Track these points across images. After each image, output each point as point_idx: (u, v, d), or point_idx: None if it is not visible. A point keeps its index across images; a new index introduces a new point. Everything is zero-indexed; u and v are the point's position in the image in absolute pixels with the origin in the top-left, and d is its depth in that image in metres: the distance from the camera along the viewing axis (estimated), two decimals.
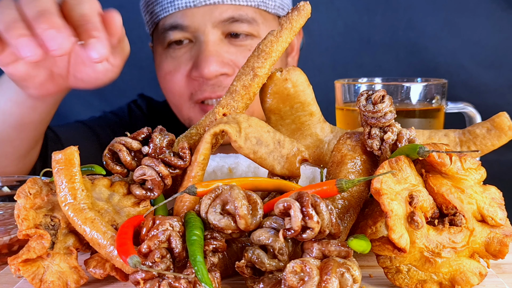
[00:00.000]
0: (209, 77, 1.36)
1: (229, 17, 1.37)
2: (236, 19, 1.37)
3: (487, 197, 0.73)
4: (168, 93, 1.48)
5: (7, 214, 0.88)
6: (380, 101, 0.78)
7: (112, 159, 0.80)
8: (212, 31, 1.37)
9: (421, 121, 1.08)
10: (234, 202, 0.68)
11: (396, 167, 0.71)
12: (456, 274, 0.71)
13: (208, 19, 1.37)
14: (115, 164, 0.80)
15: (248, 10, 1.39)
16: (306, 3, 0.85)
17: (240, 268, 0.69)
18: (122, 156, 0.79)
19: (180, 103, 1.46)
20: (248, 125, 0.80)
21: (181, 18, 1.38)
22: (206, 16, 1.36)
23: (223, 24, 1.37)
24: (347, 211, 0.77)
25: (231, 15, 1.37)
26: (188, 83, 1.42)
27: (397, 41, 2.04)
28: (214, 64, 1.35)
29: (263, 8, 1.42)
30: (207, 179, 0.92)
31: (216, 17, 1.37)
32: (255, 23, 1.40)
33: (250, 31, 1.40)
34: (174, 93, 1.46)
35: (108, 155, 0.80)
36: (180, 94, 1.45)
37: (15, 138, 1.13)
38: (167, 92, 1.48)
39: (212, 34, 1.37)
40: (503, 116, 0.83)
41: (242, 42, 1.40)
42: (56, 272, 0.72)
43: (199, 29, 1.37)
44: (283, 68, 0.87)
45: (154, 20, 1.46)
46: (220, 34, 1.38)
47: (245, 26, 1.38)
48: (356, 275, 0.65)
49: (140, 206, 0.78)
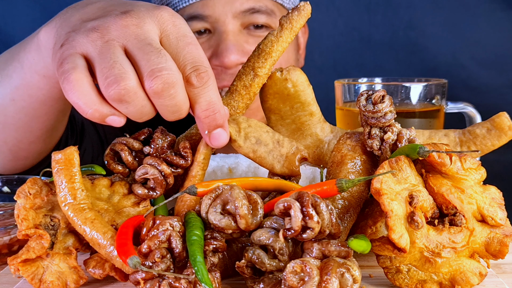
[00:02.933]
0: (230, 65, 1.37)
1: (250, 8, 1.39)
2: (256, 10, 1.40)
3: (487, 197, 0.73)
4: None
5: (7, 214, 0.88)
6: (380, 101, 0.78)
7: (113, 159, 0.81)
8: (232, 22, 1.39)
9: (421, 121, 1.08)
10: (234, 202, 0.68)
11: (396, 167, 0.71)
12: (456, 274, 0.71)
13: (229, 9, 1.38)
14: (117, 164, 0.80)
15: (267, 2, 1.42)
16: (306, 3, 0.85)
17: (240, 268, 0.69)
18: (124, 155, 0.79)
19: None
20: (247, 125, 0.80)
21: (202, 8, 1.40)
22: (227, 6, 1.38)
23: (243, 14, 1.39)
24: (347, 211, 0.77)
25: (252, 6, 1.39)
26: None
27: (397, 41, 2.04)
28: (235, 53, 1.36)
29: (280, 2, 1.45)
30: (207, 179, 0.92)
31: (237, 7, 1.38)
32: (273, 15, 1.42)
33: (269, 22, 1.42)
34: None
35: (110, 155, 0.80)
36: None
37: (43, 114, 1.04)
38: None
39: (232, 24, 1.39)
40: (503, 116, 0.83)
41: (260, 33, 1.42)
42: (55, 272, 0.72)
43: (220, 19, 1.39)
44: (283, 68, 0.87)
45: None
46: (239, 25, 1.40)
47: (263, 18, 1.40)
48: (356, 275, 0.65)
49: (140, 206, 0.78)
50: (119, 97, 0.69)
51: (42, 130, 1.08)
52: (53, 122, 1.09)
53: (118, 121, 0.72)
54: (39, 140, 1.11)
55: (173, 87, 0.70)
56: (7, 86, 0.99)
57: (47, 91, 0.98)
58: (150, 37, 0.73)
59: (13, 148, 1.09)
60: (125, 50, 0.72)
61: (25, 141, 1.08)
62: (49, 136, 1.13)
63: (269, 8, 1.41)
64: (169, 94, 0.70)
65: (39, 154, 1.15)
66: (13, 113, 1.02)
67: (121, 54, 0.71)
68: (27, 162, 1.15)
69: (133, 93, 0.69)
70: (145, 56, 0.70)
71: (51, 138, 1.15)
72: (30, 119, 1.04)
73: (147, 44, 0.71)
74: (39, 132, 1.08)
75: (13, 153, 1.10)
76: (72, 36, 0.74)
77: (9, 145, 1.08)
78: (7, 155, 1.10)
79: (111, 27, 0.73)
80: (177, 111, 0.73)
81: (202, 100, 0.73)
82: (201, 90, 0.73)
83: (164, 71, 0.69)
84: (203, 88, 0.73)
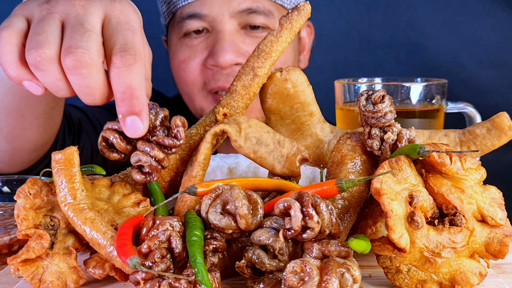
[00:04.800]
0: (225, 65, 1.38)
1: (247, 8, 1.40)
2: (254, 10, 1.40)
3: (487, 197, 0.73)
4: (181, 82, 1.50)
5: (7, 214, 0.88)
6: (380, 101, 0.78)
7: (107, 147, 0.76)
8: (229, 21, 1.40)
9: (421, 121, 1.08)
10: (234, 202, 0.68)
11: (396, 167, 0.71)
12: (456, 274, 0.71)
13: (226, 9, 1.39)
14: (111, 152, 0.75)
15: (266, 2, 1.42)
16: (306, 3, 0.85)
17: (240, 268, 0.69)
18: (116, 142, 0.74)
19: (193, 92, 1.48)
20: (248, 125, 0.80)
21: (200, 7, 1.41)
22: (224, 6, 1.39)
23: (240, 14, 1.40)
24: (347, 211, 0.77)
25: (249, 6, 1.40)
26: (202, 71, 1.44)
27: (397, 41, 2.04)
28: (230, 53, 1.37)
29: (279, 3, 1.45)
30: (207, 179, 0.92)
31: (234, 7, 1.39)
32: (271, 15, 1.43)
33: (266, 23, 1.43)
34: (188, 82, 1.48)
35: (103, 143, 0.75)
36: (193, 83, 1.47)
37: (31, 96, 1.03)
38: (180, 81, 1.50)
39: (229, 24, 1.40)
40: (503, 116, 0.83)
41: (258, 34, 1.43)
42: (55, 272, 0.72)
43: (217, 18, 1.40)
44: (283, 68, 0.87)
45: (171, 9, 1.48)
46: (237, 25, 1.41)
47: (261, 18, 1.41)
48: (356, 275, 0.65)
49: (140, 206, 0.78)
50: (35, 63, 0.69)
51: (34, 115, 1.08)
52: (45, 107, 1.09)
53: (35, 88, 0.73)
54: (32, 127, 1.10)
55: (86, 67, 0.69)
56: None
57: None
58: (88, 18, 0.73)
59: (8, 135, 1.09)
60: (62, 26, 0.73)
61: (18, 127, 1.08)
62: (43, 123, 1.12)
63: (267, 8, 1.42)
64: (80, 73, 0.69)
65: (35, 145, 1.15)
66: (2, 95, 1.02)
67: (55, 26, 0.72)
68: (24, 155, 1.15)
69: (48, 62, 0.69)
70: (71, 33, 0.71)
71: (46, 128, 1.15)
72: (20, 101, 1.04)
73: (80, 23, 0.72)
74: (31, 117, 1.08)
75: (9, 141, 1.10)
76: (27, 3, 0.76)
77: (4, 132, 1.08)
78: (3, 144, 1.10)
79: (59, 2, 0.74)
80: (90, 94, 0.72)
81: (121, 82, 0.70)
82: (122, 71, 0.70)
83: (79, 49, 0.69)
84: (125, 70, 0.70)
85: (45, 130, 1.15)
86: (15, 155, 1.14)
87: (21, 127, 1.09)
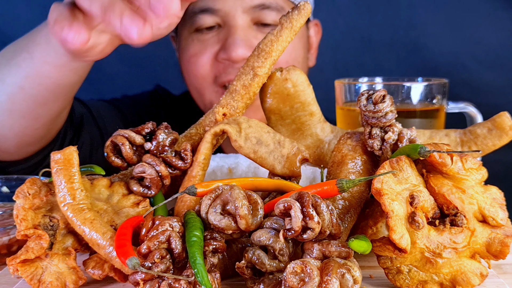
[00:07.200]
0: (237, 59, 1.38)
1: (260, 3, 1.40)
2: (267, 6, 1.41)
3: (488, 198, 0.73)
4: (191, 76, 1.51)
5: (6, 214, 0.88)
6: (380, 101, 0.78)
7: (113, 152, 0.79)
8: (242, 16, 1.40)
9: (422, 121, 1.08)
10: (234, 202, 0.68)
11: (397, 167, 0.71)
12: (457, 274, 0.71)
13: (239, 4, 1.40)
14: (116, 157, 0.79)
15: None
16: (306, 3, 0.85)
17: (240, 268, 0.68)
18: (124, 149, 0.78)
19: (203, 86, 1.49)
20: (248, 125, 0.80)
21: (212, 2, 1.41)
22: (237, 1, 1.40)
23: (253, 10, 1.40)
24: (347, 212, 0.77)
25: (262, 2, 1.40)
26: (213, 65, 1.45)
27: (398, 40, 2.04)
28: (243, 47, 1.38)
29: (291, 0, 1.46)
30: (207, 179, 0.92)
31: (247, 2, 1.40)
32: (283, 12, 1.43)
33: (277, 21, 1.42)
34: (198, 76, 1.48)
35: (110, 147, 0.79)
36: (203, 77, 1.47)
37: (50, 101, 1.09)
38: (190, 75, 1.50)
39: (242, 19, 1.40)
40: (504, 116, 0.83)
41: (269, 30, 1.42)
42: (54, 272, 0.71)
43: (230, 13, 1.40)
44: (283, 68, 0.86)
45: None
46: (249, 20, 1.41)
47: (273, 14, 1.41)
48: (357, 275, 0.64)
49: (139, 206, 0.78)
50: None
51: (48, 117, 1.13)
52: (59, 109, 1.14)
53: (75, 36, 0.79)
54: (43, 127, 1.15)
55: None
56: (16, 75, 1.04)
57: (56, 79, 1.04)
58: None
59: (19, 134, 1.12)
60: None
61: (31, 127, 1.13)
62: (53, 122, 1.17)
63: (279, 4, 1.42)
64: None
65: (42, 140, 1.19)
66: (21, 101, 1.06)
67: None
68: (29, 149, 1.19)
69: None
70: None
71: (54, 125, 1.19)
72: (38, 106, 1.09)
73: None
74: (45, 119, 1.13)
75: (18, 138, 1.13)
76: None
77: (15, 131, 1.11)
78: (12, 141, 1.13)
79: None
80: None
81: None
82: None
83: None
84: None
85: (53, 127, 1.19)
86: (21, 149, 1.18)
87: (33, 128, 1.13)
